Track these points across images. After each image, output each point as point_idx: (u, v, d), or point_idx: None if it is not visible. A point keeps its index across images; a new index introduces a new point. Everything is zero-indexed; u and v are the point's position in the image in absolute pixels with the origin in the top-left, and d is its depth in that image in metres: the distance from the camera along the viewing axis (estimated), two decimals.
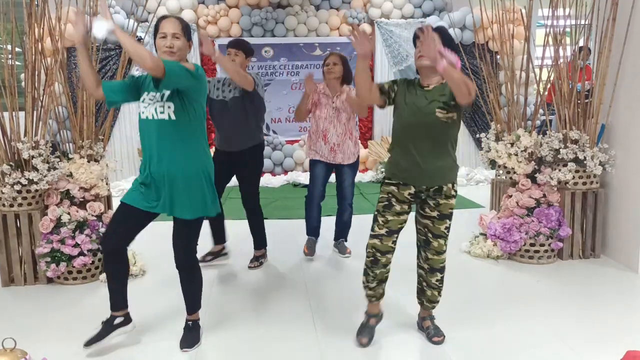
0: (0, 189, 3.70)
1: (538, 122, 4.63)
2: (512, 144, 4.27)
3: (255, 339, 2.97)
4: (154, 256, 4.10)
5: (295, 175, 7.81)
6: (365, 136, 8.28)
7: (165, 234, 2.87)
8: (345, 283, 3.80)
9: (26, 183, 3.69)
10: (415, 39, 2.68)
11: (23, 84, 3.87)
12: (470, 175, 7.63)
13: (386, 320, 3.04)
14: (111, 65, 7.12)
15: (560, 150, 4.04)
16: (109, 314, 2.86)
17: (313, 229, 4.39)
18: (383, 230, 2.75)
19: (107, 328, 2.82)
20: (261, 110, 4.03)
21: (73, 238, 3.74)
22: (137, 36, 6.78)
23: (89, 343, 2.75)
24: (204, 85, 2.76)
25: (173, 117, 2.66)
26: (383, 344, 2.89)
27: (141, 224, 2.81)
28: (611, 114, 4.13)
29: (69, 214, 3.76)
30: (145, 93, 2.73)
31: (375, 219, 2.79)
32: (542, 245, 4.06)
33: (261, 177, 4.32)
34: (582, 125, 4.10)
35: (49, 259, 3.70)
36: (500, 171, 4.68)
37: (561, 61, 4.12)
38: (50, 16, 3.94)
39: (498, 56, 4.82)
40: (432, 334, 2.89)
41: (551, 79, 4.37)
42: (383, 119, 8.04)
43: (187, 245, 2.84)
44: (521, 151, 4.21)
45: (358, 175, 7.09)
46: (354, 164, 4.26)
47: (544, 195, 4.09)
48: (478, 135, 5.23)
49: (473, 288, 3.67)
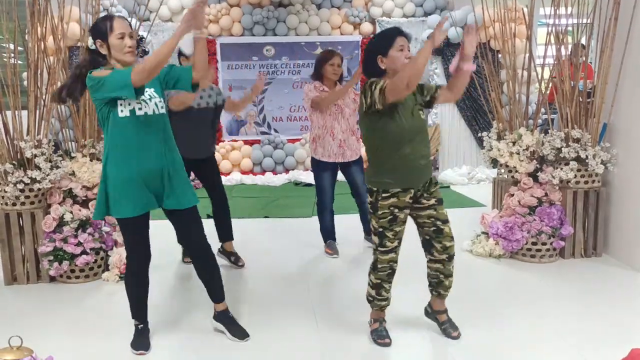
0: (3, 187, 3.71)
1: (540, 121, 4.63)
2: (514, 143, 4.28)
3: (256, 338, 2.97)
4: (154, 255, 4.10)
5: (297, 174, 7.81)
6: None
7: (158, 232, 2.86)
8: (346, 281, 3.81)
9: (29, 182, 3.70)
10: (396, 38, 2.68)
11: (25, 82, 3.88)
12: (472, 174, 7.64)
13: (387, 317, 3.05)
14: None
15: (562, 149, 4.04)
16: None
17: (331, 234, 4.41)
18: (395, 243, 2.78)
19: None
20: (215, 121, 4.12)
21: (76, 237, 3.75)
22: (139, 35, 6.78)
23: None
24: None
25: (165, 111, 2.75)
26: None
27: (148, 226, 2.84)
28: (613, 113, 4.13)
29: (71, 212, 3.77)
30: (146, 89, 2.68)
31: (382, 235, 2.75)
32: (544, 244, 4.06)
33: (263, 176, 4.34)
34: (584, 124, 4.10)
35: (51, 258, 3.71)
36: (502, 170, 4.68)
37: (555, 61, 4.12)
38: (52, 15, 3.95)
39: (500, 55, 4.81)
40: (449, 330, 2.91)
41: (553, 78, 4.37)
42: None
43: (203, 230, 2.87)
44: (523, 150, 4.21)
45: None
46: (359, 161, 4.28)
47: (546, 194, 4.09)
48: (480, 134, 5.23)
49: (475, 287, 3.67)
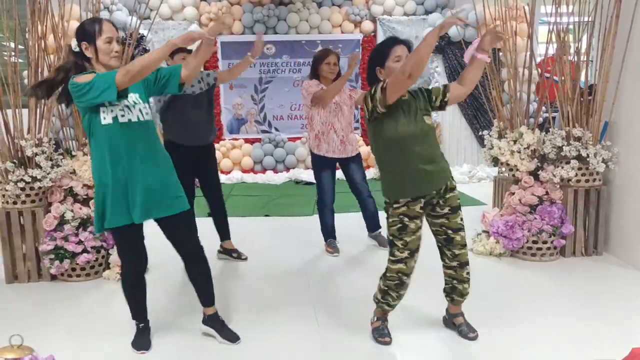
0: (4, 186, 3.71)
1: (540, 120, 4.62)
2: (515, 142, 4.27)
3: (257, 337, 2.98)
4: (154, 254, 4.10)
5: (297, 173, 7.81)
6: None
7: (158, 230, 2.85)
8: (347, 280, 3.81)
9: (30, 180, 3.70)
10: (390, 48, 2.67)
11: (26, 81, 3.88)
12: (473, 173, 7.63)
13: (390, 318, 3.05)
14: None
15: (563, 147, 4.03)
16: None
17: (331, 233, 4.41)
18: (405, 253, 2.73)
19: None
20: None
21: (76, 235, 3.75)
22: (140, 33, 6.78)
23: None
24: None
25: (150, 117, 2.69)
26: (393, 341, 2.90)
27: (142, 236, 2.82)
28: (614, 111, 4.12)
29: (72, 211, 3.77)
30: (129, 94, 2.61)
31: (392, 244, 2.75)
32: (545, 242, 4.06)
33: (264, 175, 4.37)
34: (585, 123, 4.10)
35: (52, 256, 3.71)
36: (503, 168, 4.68)
37: (540, 58, 4.12)
38: (53, 13, 3.94)
39: (501, 53, 4.81)
40: (466, 331, 2.90)
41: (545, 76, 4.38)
42: None
43: (197, 234, 2.85)
44: (524, 148, 4.21)
45: None
46: (357, 157, 4.30)
47: (547, 193, 4.09)
48: (480, 133, 5.22)
49: (475, 285, 3.64)
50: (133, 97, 2.63)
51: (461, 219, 2.80)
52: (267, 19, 7.82)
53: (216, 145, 4.18)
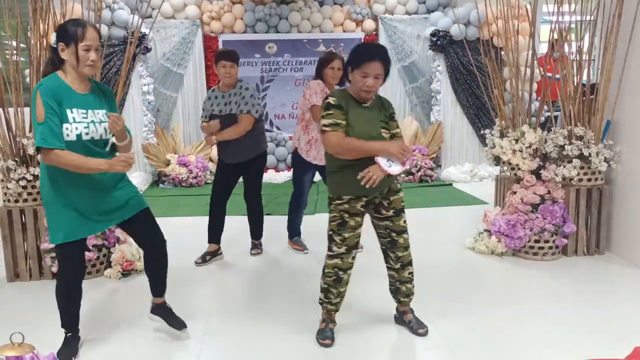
0: (6, 184, 3.72)
1: (542, 119, 4.62)
2: (517, 141, 4.27)
3: (258, 336, 2.98)
4: None
5: None
6: None
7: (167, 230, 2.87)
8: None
9: (31, 179, 3.71)
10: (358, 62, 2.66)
11: (28, 79, 3.88)
12: (474, 172, 7.63)
13: (388, 316, 3.04)
14: (115, 62, 7.11)
15: (565, 146, 4.03)
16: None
17: (297, 230, 4.50)
18: (342, 249, 2.78)
19: None
20: (262, 121, 4.18)
21: None
22: (142, 32, 6.79)
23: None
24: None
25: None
26: (386, 338, 2.90)
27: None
28: (616, 110, 4.11)
29: None
30: (83, 111, 2.54)
31: (331, 239, 2.80)
32: (547, 241, 4.05)
33: (265, 173, 4.40)
34: (587, 122, 4.09)
35: (54, 254, 3.71)
36: (505, 167, 4.68)
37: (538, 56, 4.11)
38: (55, 12, 3.94)
39: (502, 52, 4.81)
40: (416, 327, 2.92)
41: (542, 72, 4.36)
42: None
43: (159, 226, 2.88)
44: (526, 147, 4.20)
45: None
46: None
47: (549, 192, 4.09)
48: (482, 132, 5.22)
49: (477, 284, 3.67)
50: (100, 114, 2.60)
51: (404, 221, 2.85)
52: (269, 17, 7.81)
53: (259, 150, 4.19)
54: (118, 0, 7.07)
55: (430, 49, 7.72)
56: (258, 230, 4.39)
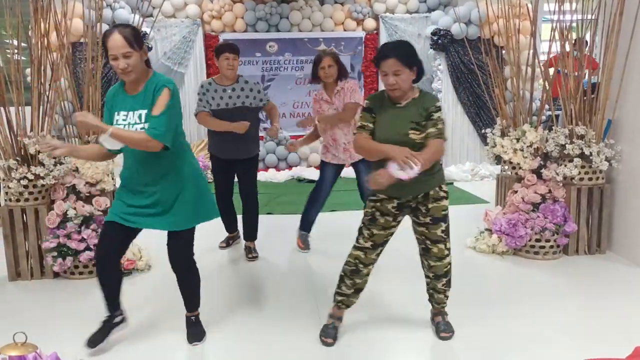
0: (7, 184, 3.72)
1: (544, 117, 4.61)
2: (518, 140, 4.26)
3: (259, 335, 2.98)
4: (159, 250, 4.11)
5: (300, 171, 7.81)
6: None
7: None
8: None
9: (32, 178, 3.71)
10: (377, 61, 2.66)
11: (29, 79, 3.88)
12: (475, 171, 7.62)
13: (390, 315, 3.04)
14: None
15: (566, 145, 4.02)
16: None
17: (309, 225, 4.45)
18: (368, 244, 2.78)
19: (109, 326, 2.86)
20: (259, 120, 4.23)
21: (79, 233, 3.75)
22: (142, 31, 6.78)
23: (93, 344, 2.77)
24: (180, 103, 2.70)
25: None
26: (390, 339, 2.90)
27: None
28: (617, 109, 4.11)
29: (75, 208, 3.78)
30: (125, 113, 2.62)
31: (360, 232, 2.81)
32: (548, 240, 4.05)
33: (266, 172, 4.41)
34: (588, 121, 4.09)
35: (55, 254, 3.72)
36: (506, 167, 4.67)
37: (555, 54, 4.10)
38: (56, 11, 3.94)
39: (504, 51, 4.80)
40: (442, 329, 2.90)
41: (557, 70, 4.35)
42: None
43: (189, 248, 2.91)
44: (527, 146, 4.20)
45: None
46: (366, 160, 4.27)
47: (550, 191, 4.08)
48: (483, 131, 5.21)
49: (478, 283, 3.67)
50: (137, 115, 2.59)
51: (442, 231, 2.76)
52: (270, 16, 7.81)
53: (257, 149, 4.22)
54: None
55: (431, 48, 7.71)
56: (253, 231, 4.30)
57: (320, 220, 4.49)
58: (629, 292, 3.50)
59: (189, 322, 2.94)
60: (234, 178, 4.23)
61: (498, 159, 4.60)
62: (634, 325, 2.99)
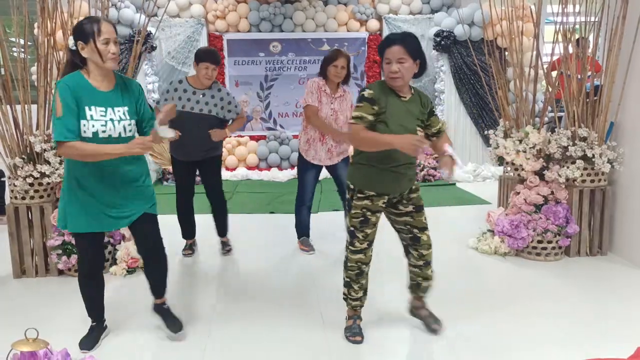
0: (13, 181, 3.74)
1: (546, 119, 4.62)
2: (521, 141, 4.28)
3: (259, 335, 3.00)
4: None
5: None
6: None
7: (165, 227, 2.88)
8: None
9: (38, 176, 3.73)
10: (381, 49, 2.66)
11: (35, 77, 3.90)
12: (478, 172, 7.63)
13: (389, 314, 3.06)
14: (121, 60, 7.13)
15: (569, 147, 4.04)
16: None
17: (306, 229, 4.45)
18: (365, 245, 2.79)
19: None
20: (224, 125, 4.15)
21: None
22: (147, 31, 6.81)
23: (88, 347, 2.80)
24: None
25: (133, 134, 2.66)
26: (391, 339, 2.92)
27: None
28: (620, 111, 4.12)
29: None
30: (102, 108, 2.55)
31: (353, 235, 2.78)
32: (550, 242, 4.07)
33: (268, 172, 4.41)
34: (591, 123, 4.10)
35: (60, 251, 3.74)
36: (508, 168, 4.68)
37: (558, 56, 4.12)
38: (62, 10, 3.96)
39: (507, 53, 4.81)
40: (431, 322, 2.93)
41: (560, 72, 4.36)
42: None
43: (159, 232, 2.92)
44: (529, 148, 4.21)
45: None
46: (346, 159, 4.26)
47: (552, 193, 4.10)
48: (486, 132, 5.23)
49: (480, 284, 3.68)
50: (121, 112, 2.60)
51: (425, 219, 2.84)
52: (273, 16, 7.83)
53: (218, 150, 4.19)
54: None
55: (434, 49, 7.73)
56: (224, 227, 4.34)
57: (321, 220, 4.50)
58: (630, 293, 3.51)
59: (163, 311, 2.97)
60: (195, 180, 4.21)
61: (500, 160, 4.61)
62: (635, 326, 3.01)
